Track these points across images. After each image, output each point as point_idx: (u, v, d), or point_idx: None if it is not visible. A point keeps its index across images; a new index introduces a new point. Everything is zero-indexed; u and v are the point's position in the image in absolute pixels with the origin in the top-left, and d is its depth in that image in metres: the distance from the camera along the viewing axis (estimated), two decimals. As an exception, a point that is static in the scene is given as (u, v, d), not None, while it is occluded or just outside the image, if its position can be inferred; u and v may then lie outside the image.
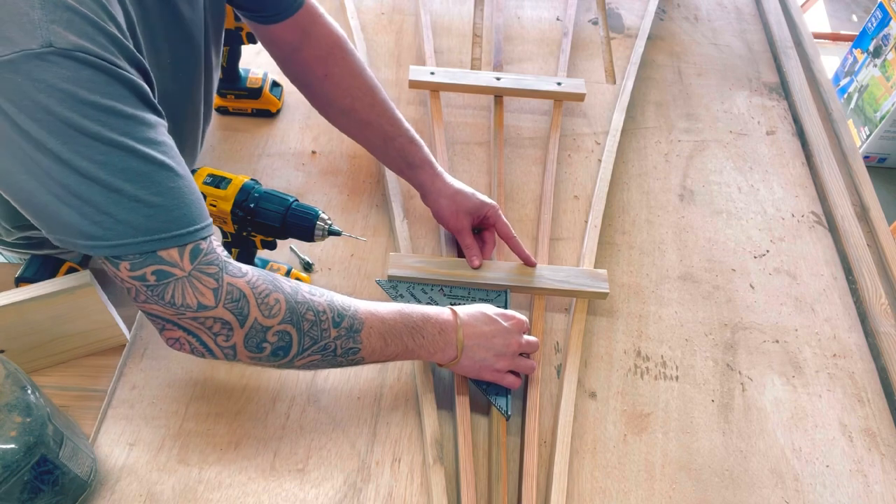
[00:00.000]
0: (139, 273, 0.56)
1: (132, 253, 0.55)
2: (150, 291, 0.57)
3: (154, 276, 0.56)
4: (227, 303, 0.59)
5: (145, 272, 0.56)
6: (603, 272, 0.86)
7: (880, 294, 0.92)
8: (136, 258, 0.55)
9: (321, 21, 0.85)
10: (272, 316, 0.61)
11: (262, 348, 0.62)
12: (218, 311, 0.58)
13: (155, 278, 0.56)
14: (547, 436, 0.76)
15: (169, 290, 0.57)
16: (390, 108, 0.88)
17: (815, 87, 1.23)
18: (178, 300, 0.57)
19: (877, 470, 0.77)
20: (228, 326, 0.59)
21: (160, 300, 0.57)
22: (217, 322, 0.59)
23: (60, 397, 0.73)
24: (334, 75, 0.87)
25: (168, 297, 0.57)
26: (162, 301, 0.57)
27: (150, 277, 0.56)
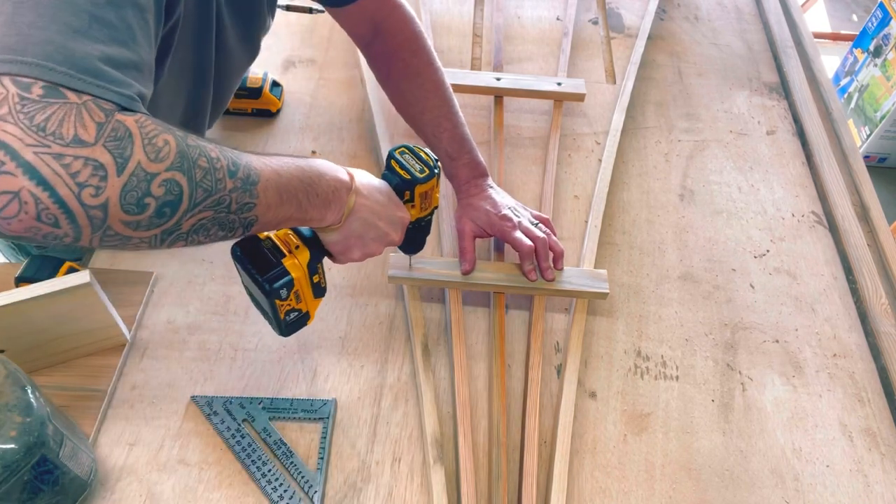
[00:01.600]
0: (25, 81, 0.44)
1: (45, 78, 0.45)
2: (21, 105, 0.44)
3: (41, 92, 0.45)
4: (108, 140, 0.46)
5: (33, 83, 0.44)
6: (603, 272, 0.86)
7: (880, 294, 0.92)
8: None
9: (395, 16, 0.87)
10: (160, 160, 0.48)
11: (145, 205, 0.48)
12: (95, 148, 0.45)
13: (41, 94, 0.44)
14: (547, 436, 0.76)
15: (47, 111, 0.44)
16: (437, 120, 0.88)
17: (815, 87, 1.23)
18: (50, 125, 0.44)
19: (877, 470, 0.77)
20: (102, 172, 0.45)
21: (26, 119, 0.44)
22: (88, 165, 0.45)
23: (60, 397, 0.73)
24: (394, 76, 0.89)
25: (39, 119, 0.44)
26: (28, 121, 0.43)
27: (36, 91, 0.44)
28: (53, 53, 0.46)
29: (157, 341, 0.81)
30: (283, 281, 0.64)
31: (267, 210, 0.57)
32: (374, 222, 0.68)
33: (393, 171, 0.72)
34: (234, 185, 0.53)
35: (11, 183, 0.43)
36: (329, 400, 0.76)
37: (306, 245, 0.67)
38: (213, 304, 0.85)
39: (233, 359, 0.80)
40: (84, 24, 0.48)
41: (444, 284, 0.85)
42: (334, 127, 1.08)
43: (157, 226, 0.49)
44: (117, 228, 0.47)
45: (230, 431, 0.73)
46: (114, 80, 0.48)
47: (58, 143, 0.44)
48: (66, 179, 0.44)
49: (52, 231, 0.46)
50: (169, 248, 0.53)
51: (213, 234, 0.55)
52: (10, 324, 0.70)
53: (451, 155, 0.89)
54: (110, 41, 0.49)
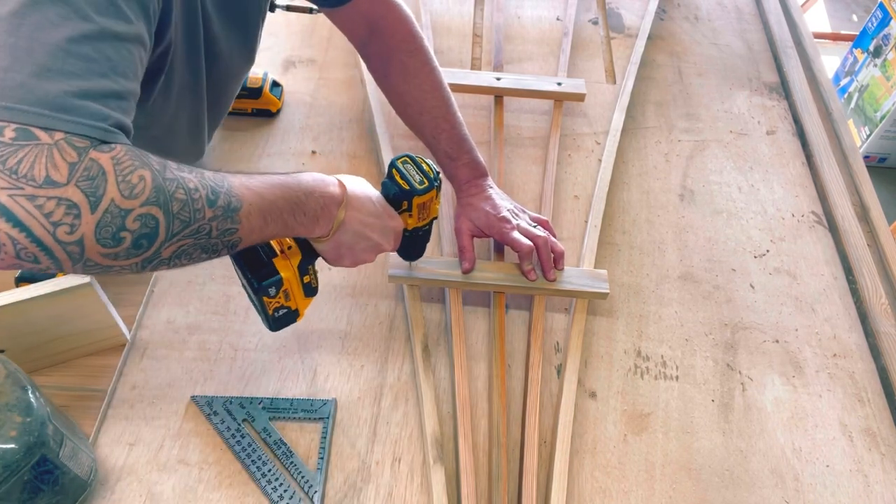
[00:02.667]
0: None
1: (17, 121, 0.46)
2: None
3: (14, 135, 0.46)
4: (80, 179, 0.47)
5: (5, 127, 0.46)
6: (603, 272, 0.86)
7: (880, 294, 0.92)
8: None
9: (391, 16, 0.87)
10: (134, 196, 0.49)
11: (121, 238, 0.49)
12: (67, 189, 0.46)
13: (13, 136, 0.46)
14: (547, 436, 0.76)
15: (19, 154, 0.45)
16: (435, 120, 0.88)
17: (815, 87, 1.23)
18: (22, 168, 0.45)
19: (877, 470, 0.77)
20: (75, 211, 0.47)
21: (0, 164, 0.45)
22: (61, 205, 0.46)
23: (60, 397, 0.73)
24: (392, 77, 0.89)
25: (12, 163, 0.45)
26: (1, 166, 0.45)
27: (9, 134, 0.46)
28: (26, 95, 0.47)
29: (157, 341, 0.81)
30: (271, 280, 0.65)
31: (250, 233, 0.58)
32: (364, 233, 0.69)
33: (393, 179, 0.73)
34: (214, 213, 0.55)
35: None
36: (329, 400, 0.76)
37: (299, 247, 0.68)
38: (213, 304, 0.85)
39: (233, 359, 0.80)
40: (59, 62, 0.49)
41: (444, 284, 0.85)
42: (334, 127, 1.08)
43: (135, 255, 0.51)
44: (97, 259, 0.49)
45: (230, 431, 0.73)
46: (90, 113, 0.49)
47: (30, 184, 0.45)
48: (40, 220, 0.46)
49: (34, 266, 0.48)
50: (153, 271, 0.54)
51: (195, 257, 0.56)
52: (10, 324, 0.70)
53: (451, 155, 0.88)
54: (88, 74, 0.50)
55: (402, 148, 1.04)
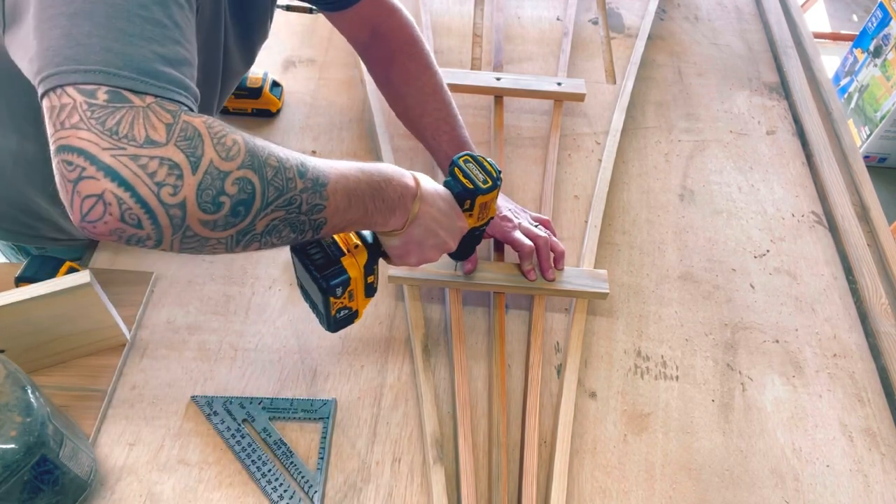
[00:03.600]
0: (89, 88, 0.46)
1: (109, 84, 0.46)
2: (91, 112, 0.45)
3: (107, 97, 0.46)
4: (179, 140, 0.47)
5: (97, 89, 0.46)
6: (603, 272, 0.86)
7: (880, 294, 0.92)
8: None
9: (392, 20, 0.87)
10: (230, 158, 0.49)
11: (220, 203, 0.48)
12: (168, 148, 0.46)
13: (107, 98, 0.46)
14: (547, 436, 0.76)
15: (116, 115, 0.46)
16: (436, 122, 0.89)
17: (815, 87, 1.23)
18: (122, 128, 0.45)
19: (877, 470, 0.77)
20: (178, 171, 0.46)
21: (99, 125, 0.45)
22: (164, 164, 0.46)
23: (60, 397, 0.73)
24: (393, 80, 0.90)
25: (111, 123, 0.45)
26: (101, 126, 0.45)
27: (102, 96, 0.46)
28: (113, 59, 0.47)
29: (157, 341, 0.81)
30: (340, 279, 0.64)
31: (335, 213, 0.57)
32: (434, 230, 0.68)
33: (456, 178, 0.72)
34: (305, 185, 0.54)
35: (94, 186, 0.45)
36: (329, 400, 0.76)
37: (365, 246, 0.67)
38: (213, 304, 0.85)
39: (233, 359, 0.80)
40: (137, 27, 0.48)
41: (444, 284, 0.85)
42: (334, 127, 1.08)
43: (232, 225, 0.50)
44: (196, 229, 0.48)
45: (230, 431, 0.73)
46: (172, 80, 0.49)
47: (132, 144, 0.45)
48: (144, 179, 0.45)
49: (135, 233, 0.47)
50: (244, 250, 0.54)
51: (284, 236, 0.55)
52: (10, 324, 0.70)
53: (451, 157, 0.88)
54: (164, 40, 0.50)
55: (402, 148, 1.04)
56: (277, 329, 0.83)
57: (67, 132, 0.45)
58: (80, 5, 0.47)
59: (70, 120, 0.45)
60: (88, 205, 0.45)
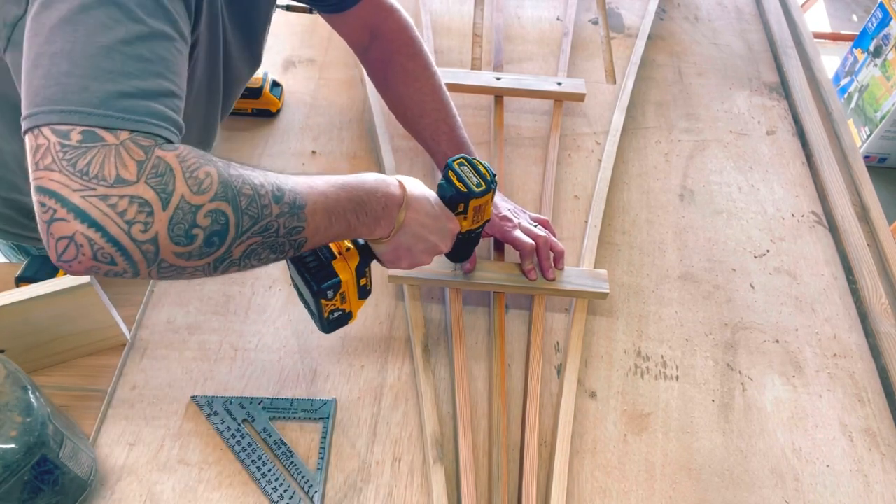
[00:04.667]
0: (63, 129, 0.47)
1: (83, 123, 0.47)
2: (63, 153, 0.46)
3: (80, 137, 0.47)
4: (150, 176, 0.47)
5: (71, 130, 0.47)
6: (603, 272, 0.86)
7: (880, 294, 0.92)
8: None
9: (391, 22, 0.88)
10: (203, 191, 0.49)
11: (193, 236, 0.49)
12: (138, 186, 0.47)
13: (80, 139, 0.47)
14: (547, 436, 0.76)
15: (87, 155, 0.46)
16: (435, 123, 0.89)
17: (815, 87, 1.23)
18: (92, 169, 0.46)
19: (877, 470, 0.77)
20: (148, 208, 0.47)
21: (70, 166, 0.46)
22: (134, 203, 0.47)
23: (60, 397, 0.73)
24: (391, 81, 0.90)
25: (82, 164, 0.46)
26: (71, 168, 0.46)
27: (75, 137, 0.47)
28: (89, 98, 0.47)
29: (157, 341, 0.81)
30: (330, 282, 0.65)
31: (316, 232, 0.58)
32: (423, 235, 0.68)
33: (449, 181, 0.72)
34: (281, 210, 0.54)
35: (65, 228, 0.46)
36: (329, 400, 0.76)
37: (357, 249, 0.68)
38: (213, 304, 0.85)
39: (233, 359, 0.80)
40: (118, 64, 0.49)
41: (444, 284, 0.85)
42: (334, 127, 1.08)
43: (207, 255, 0.51)
44: (171, 260, 0.49)
45: (230, 431, 0.73)
46: (151, 112, 0.50)
47: (102, 184, 0.46)
48: (114, 218, 0.46)
49: (110, 268, 0.48)
50: (224, 273, 0.55)
51: (264, 258, 0.56)
52: (10, 324, 0.70)
53: (450, 157, 0.89)
54: (145, 74, 0.51)
55: (402, 148, 1.04)
56: (277, 329, 0.83)
57: (42, 173, 0.46)
58: (60, 45, 0.48)
59: (44, 161, 0.46)
60: (62, 246, 0.46)
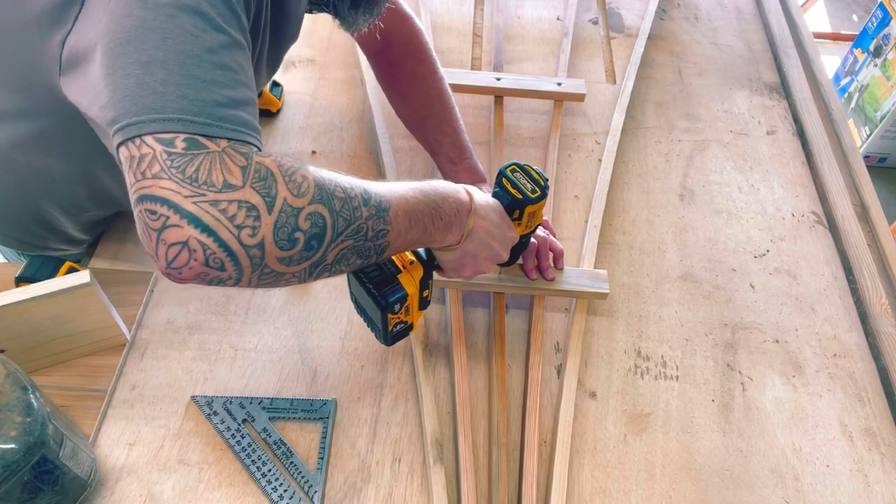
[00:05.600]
0: (168, 137, 0.47)
1: (186, 131, 0.48)
2: (171, 161, 0.47)
3: (184, 144, 0.47)
4: (254, 181, 0.49)
5: (175, 137, 0.47)
6: (603, 272, 0.86)
7: (880, 294, 0.92)
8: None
9: (405, 29, 0.91)
10: (301, 195, 0.50)
11: (295, 240, 0.50)
12: (245, 191, 0.48)
13: (184, 146, 0.47)
14: (547, 436, 0.76)
15: (195, 162, 0.47)
16: (440, 124, 0.91)
17: (815, 87, 1.23)
18: (201, 175, 0.47)
19: (877, 470, 0.77)
20: (255, 213, 0.48)
21: (179, 173, 0.47)
22: (242, 207, 0.48)
23: (60, 397, 0.73)
24: (401, 83, 0.93)
25: (190, 171, 0.47)
26: (180, 175, 0.47)
27: (180, 144, 0.47)
28: (189, 105, 0.48)
29: (157, 341, 0.81)
30: (398, 296, 0.66)
31: (398, 235, 0.59)
32: (488, 242, 0.69)
33: (504, 189, 0.73)
34: (369, 212, 0.55)
35: (179, 234, 0.46)
36: (329, 400, 0.76)
37: (420, 261, 0.69)
38: (213, 304, 0.85)
39: (233, 359, 0.80)
40: (209, 73, 0.50)
41: (444, 284, 0.85)
42: (334, 127, 1.08)
43: (306, 259, 0.52)
44: (273, 266, 0.50)
45: (230, 431, 0.73)
46: (243, 122, 0.51)
47: (211, 190, 0.47)
48: (225, 223, 0.47)
49: (218, 275, 0.49)
50: (315, 279, 0.56)
51: (351, 263, 0.57)
52: (10, 324, 0.70)
53: (453, 159, 0.90)
54: (233, 84, 0.51)
55: (402, 148, 1.04)
56: (277, 329, 0.83)
57: (149, 182, 0.47)
58: (152, 53, 0.48)
59: (151, 170, 0.47)
60: (174, 252, 0.47)
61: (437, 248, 0.68)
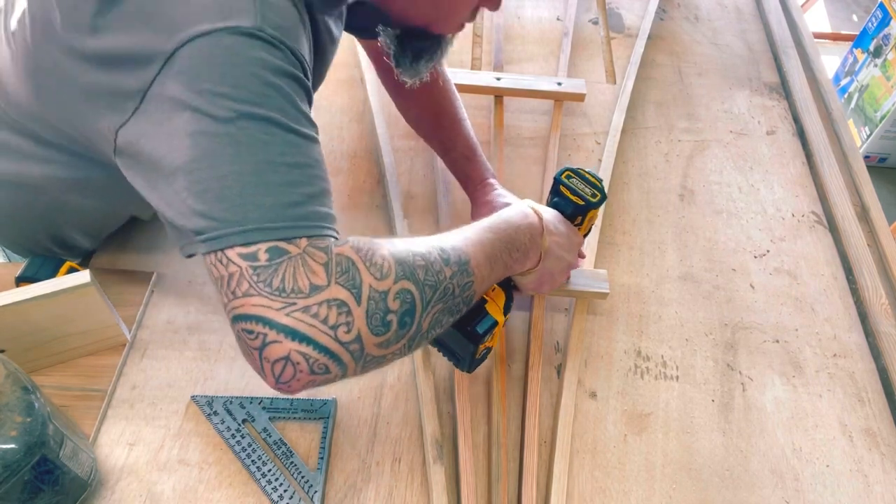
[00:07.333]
0: (251, 251, 0.48)
1: (267, 239, 0.49)
2: (257, 276, 0.48)
3: (267, 255, 0.48)
4: (338, 276, 0.49)
5: (258, 250, 0.48)
6: (603, 272, 0.86)
7: (880, 294, 0.92)
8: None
9: None
10: (385, 276, 0.51)
11: (388, 322, 0.50)
12: (331, 289, 0.48)
13: (267, 257, 0.48)
14: (547, 436, 0.76)
15: (280, 271, 0.48)
16: (453, 123, 0.92)
17: (815, 87, 1.23)
18: (287, 284, 0.48)
19: (877, 470, 0.77)
20: (346, 308, 0.48)
21: (267, 287, 0.47)
22: (332, 307, 0.48)
23: (60, 397, 0.73)
24: (412, 88, 0.93)
25: (277, 283, 0.48)
26: (269, 288, 0.47)
27: (263, 256, 0.48)
28: (266, 213, 0.49)
29: (157, 341, 0.81)
30: (488, 326, 0.66)
31: (482, 282, 0.60)
32: (562, 255, 0.71)
33: (564, 197, 0.73)
34: (452, 271, 0.56)
35: (279, 350, 0.47)
36: (329, 400, 0.76)
37: (501, 287, 0.69)
38: (213, 304, 0.85)
39: (233, 359, 0.80)
40: (283, 175, 0.51)
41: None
42: (334, 127, 1.08)
43: (402, 336, 0.52)
44: (373, 353, 0.51)
45: (230, 431, 0.73)
46: (320, 216, 0.52)
47: (300, 297, 0.48)
48: (320, 328, 0.48)
49: (325, 378, 0.49)
50: (417, 349, 0.58)
51: (444, 323, 0.57)
52: (11, 324, 0.70)
53: (467, 156, 0.91)
54: (308, 179, 0.52)
55: (402, 148, 1.04)
56: (277, 329, 0.83)
57: (241, 301, 0.48)
58: (228, 168, 0.50)
59: (241, 288, 0.48)
60: (279, 368, 0.48)
61: (517, 274, 0.69)
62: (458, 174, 0.92)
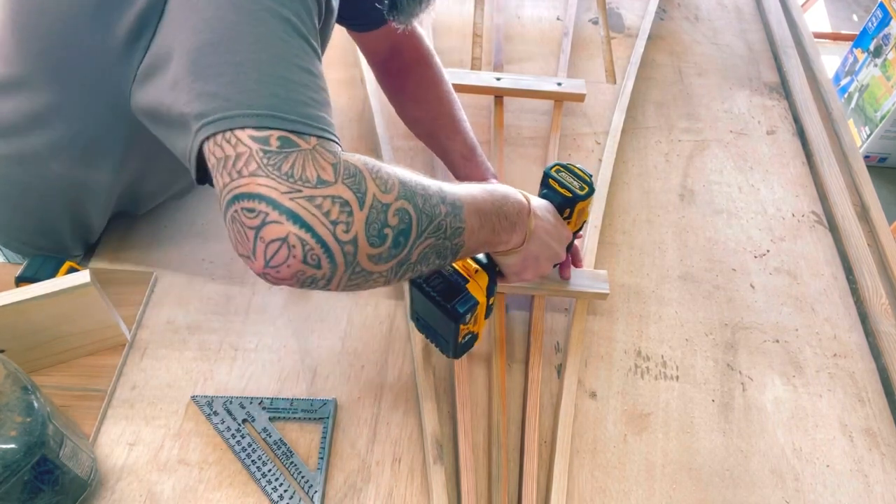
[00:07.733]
0: (262, 135, 0.48)
1: (280, 128, 0.49)
2: (267, 159, 0.48)
3: (278, 143, 0.48)
4: (345, 178, 0.49)
5: (270, 135, 0.48)
6: (603, 272, 0.86)
7: (880, 294, 0.92)
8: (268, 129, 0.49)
9: (412, 37, 0.93)
10: (388, 191, 0.51)
11: (384, 236, 0.51)
12: (337, 187, 0.49)
13: (279, 144, 0.48)
14: (547, 436, 0.76)
15: (289, 159, 0.48)
16: (452, 123, 0.92)
17: (815, 87, 1.23)
18: (296, 172, 0.48)
19: (877, 470, 0.77)
20: (348, 209, 0.49)
21: (276, 171, 0.47)
22: (336, 203, 0.48)
23: (60, 397, 0.73)
24: (410, 87, 0.95)
25: (286, 168, 0.48)
26: (277, 172, 0.47)
27: (274, 143, 0.48)
28: (280, 104, 0.50)
29: (157, 341, 0.81)
30: (469, 305, 0.66)
31: (471, 234, 0.60)
32: (548, 243, 0.70)
33: (553, 189, 0.74)
34: (447, 210, 0.56)
35: (279, 230, 0.47)
36: (329, 400, 0.76)
37: (483, 269, 0.69)
38: (213, 304, 0.85)
39: (233, 359, 0.80)
40: (296, 75, 0.52)
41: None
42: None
43: (393, 257, 0.53)
44: (363, 263, 0.51)
45: (230, 431, 0.73)
46: (327, 122, 0.53)
47: (307, 186, 0.48)
48: (321, 219, 0.48)
49: (313, 273, 0.49)
50: (399, 281, 0.56)
51: (431, 263, 0.57)
52: (11, 324, 0.70)
53: (466, 156, 0.91)
54: (315, 87, 0.53)
55: (402, 148, 1.04)
56: (277, 329, 0.83)
57: (247, 179, 0.47)
58: (245, 55, 0.50)
59: (248, 167, 0.47)
60: (273, 249, 0.47)
61: (501, 253, 0.69)
62: (458, 175, 0.93)
